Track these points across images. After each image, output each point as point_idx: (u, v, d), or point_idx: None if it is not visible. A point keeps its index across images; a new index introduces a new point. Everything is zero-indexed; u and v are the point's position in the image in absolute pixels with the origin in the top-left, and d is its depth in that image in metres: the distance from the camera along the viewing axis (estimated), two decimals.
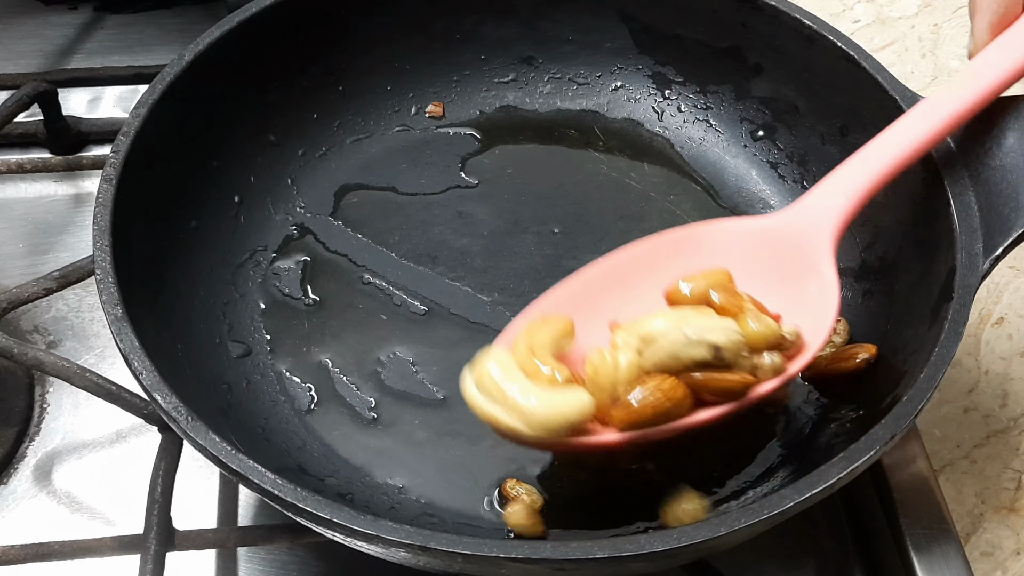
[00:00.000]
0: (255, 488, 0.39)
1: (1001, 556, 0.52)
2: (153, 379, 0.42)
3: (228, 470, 0.40)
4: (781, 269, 0.47)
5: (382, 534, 0.38)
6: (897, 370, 0.46)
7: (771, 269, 0.47)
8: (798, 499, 0.39)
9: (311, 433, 0.49)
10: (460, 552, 0.38)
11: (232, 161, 0.55)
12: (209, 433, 0.40)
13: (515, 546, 0.38)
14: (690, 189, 0.58)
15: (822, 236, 0.47)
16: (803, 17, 0.55)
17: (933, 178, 0.49)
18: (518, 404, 0.41)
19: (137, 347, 0.42)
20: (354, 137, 0.59)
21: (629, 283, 0.47)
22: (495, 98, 0.61)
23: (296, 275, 0.54)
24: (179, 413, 0.41)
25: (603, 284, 0.47)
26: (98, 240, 0.45)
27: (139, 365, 0.42)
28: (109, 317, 0.43)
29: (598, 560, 0.38)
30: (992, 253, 0.46)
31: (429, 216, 0.57)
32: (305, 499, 0.39)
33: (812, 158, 0.57)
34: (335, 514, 0.38)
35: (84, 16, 0.74)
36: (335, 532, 0.39)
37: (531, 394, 0.42)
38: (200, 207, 0.53)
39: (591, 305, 0.46)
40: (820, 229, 0.47)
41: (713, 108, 0.59)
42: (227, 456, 0.40)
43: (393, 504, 0.47)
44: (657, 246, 0.48)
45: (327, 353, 0.51)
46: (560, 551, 0.38)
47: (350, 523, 0.38)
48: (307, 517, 0.39)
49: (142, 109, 0.50)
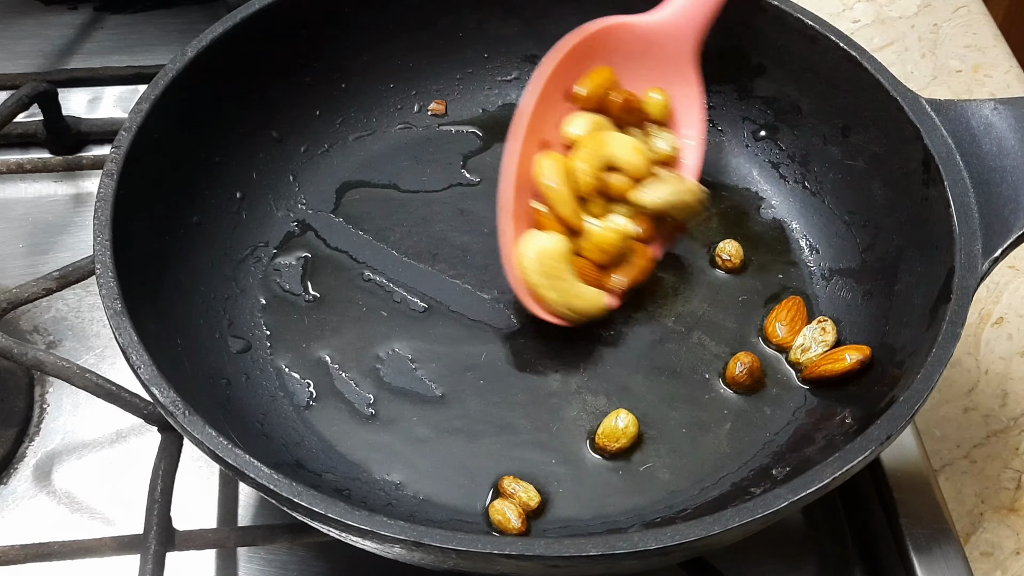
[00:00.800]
0: (251, 483, 0.40)
1: (1001, 556, 0.52)
2: (151, 373, 0.42)
3: (225, 464, 0.40)
4: (657, 70, 0.55)
5: (376, 529, 0.38)
6: (895, 371, 0.46)
7: (650, 70, 0.55)
8: (792, 498, 0.39)
9: (309, 429, 0.49)
10: (454, 548, 0.38)
11: (234, 157, 0.55)
12: (206, 427, 0.41)
13: (509, 542, 0.38)
14: None
15: (685, 44, 0.54)
16: (806, 18, 0.54)
17: (933, 179, 0.49)
18: (570, 292, 0.50)
19: (136, 341, 0.42)
20: (356, 134, 0.59)
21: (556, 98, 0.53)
22: (498, 96, 0.62)
23: (297, 271, 0.54)
24: (176, 407, 0.41)
25: (542, 105, 0.52)
26: (99, 235, 0.46)
27: (137, 359, 0.42)
28: (108, 311, 0.43)
29: (591, 557, 0.38)
30: (991, 254, 0.46)
31: (430, 213, 0.57)
32: (301, 494, 0.39)
33: (814, 158, 0.57)
34: (330, 509, 0.38)
35: (84, 16, 0.74)
36: (330, 527, 0.39)
37: (578, 287, 0.51)
38: (202, 203, 0.53)
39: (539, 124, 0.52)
40: (684, 37, 0.54)
41: (715, 108, 0.59)
42: (224, 451, 0.40)
43: (390, 500, 0.47)
44: (563, 59, 0.53)
45: (326, 349, 0.52)
46: (554, 548, 0.38)
47: (345, 518, 0.38)
48: (303, 512, 0.39)
49: (144, 105, 0.50)
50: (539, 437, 0.49)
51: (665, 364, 0.52)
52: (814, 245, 0.55)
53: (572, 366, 0.51)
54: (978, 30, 0.74)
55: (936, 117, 0.50)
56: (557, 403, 0.50)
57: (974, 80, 0.71)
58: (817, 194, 0.56)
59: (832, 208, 0.55)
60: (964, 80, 0.71)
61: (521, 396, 0.50)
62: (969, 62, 0.72)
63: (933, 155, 0.49)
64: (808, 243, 0.56)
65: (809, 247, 0.56)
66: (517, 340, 0.52)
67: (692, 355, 0.52)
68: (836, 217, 0.55)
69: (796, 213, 0.57)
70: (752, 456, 0.49)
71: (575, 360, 0.52)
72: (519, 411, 0.50)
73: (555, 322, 0.51)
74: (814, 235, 0.56)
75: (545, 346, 0.52)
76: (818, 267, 0.55)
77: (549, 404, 0.50)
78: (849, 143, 0.55)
